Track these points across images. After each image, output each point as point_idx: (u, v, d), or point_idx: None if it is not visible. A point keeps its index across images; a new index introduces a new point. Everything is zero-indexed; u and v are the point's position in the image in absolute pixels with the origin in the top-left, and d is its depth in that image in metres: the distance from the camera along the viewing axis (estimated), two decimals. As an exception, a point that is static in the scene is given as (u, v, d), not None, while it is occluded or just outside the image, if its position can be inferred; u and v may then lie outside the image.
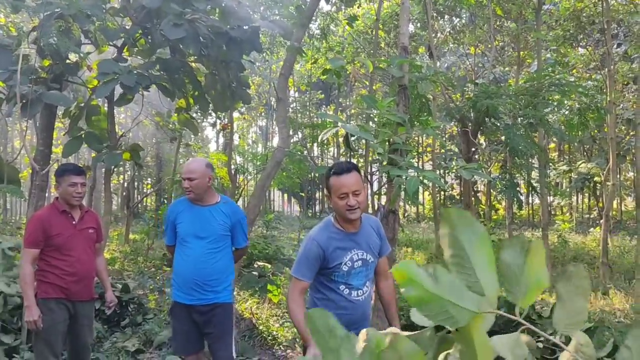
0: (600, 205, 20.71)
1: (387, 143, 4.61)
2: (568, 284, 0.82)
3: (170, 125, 11.37)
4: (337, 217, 2.84)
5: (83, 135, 6.40)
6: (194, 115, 8.78)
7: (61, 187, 3.76)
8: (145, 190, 29.76)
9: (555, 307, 0.84)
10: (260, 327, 6.21)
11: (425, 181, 4.11)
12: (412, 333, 0.89)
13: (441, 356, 0.88)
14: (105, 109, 6.91)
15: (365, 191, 2.84)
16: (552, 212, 25.64)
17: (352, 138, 4.04)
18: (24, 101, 5.05)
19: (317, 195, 38.32)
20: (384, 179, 6.08)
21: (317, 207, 38.20)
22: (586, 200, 28.80)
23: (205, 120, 15.80)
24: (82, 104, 6.75)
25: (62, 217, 3.77)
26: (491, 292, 0.74)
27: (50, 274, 3.68)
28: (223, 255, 3.67)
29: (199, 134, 11.70)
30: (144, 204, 28.75)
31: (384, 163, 4.48)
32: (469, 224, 0.77)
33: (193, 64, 6.89)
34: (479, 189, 23.00)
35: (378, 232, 2.96)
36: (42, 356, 3.66)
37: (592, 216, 25.33)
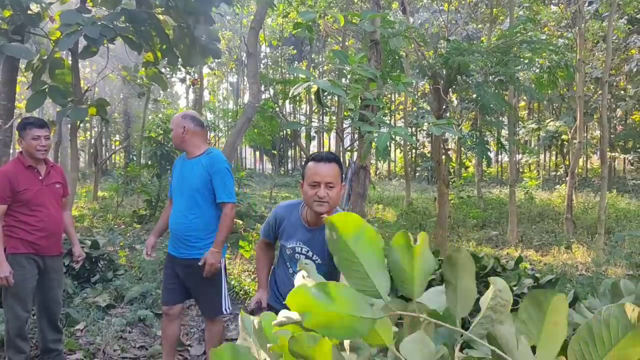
0: (567, 163, 21.16)
1: (358, 99, 4.59)
2: (454, 268, 0.84)
3: (138, 80, 11.10)
4: (306, 207, 2.64)
5: (47, 89, 6.21)
6: (163, 69, 8.57)
7: (24, 141, 3.66)
8: (113, 147, 29.28)
9: (446, 291, 0.86)
10: (233, 282, 6.27)
11: (397, 138, 4.11)
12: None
13: None
14: (69, 62, 6.70)
15: (341, 189, 2.57)
16: (520, 170, 26.14)
17: (324, 94, 4.00)
18: (-18, 53, 4.85)
19: (289, 153, 38.26)
20: (356, 136, 6.07)
21: (290, 165, 38.20)
22: (553, 158, 29.41)
23: (174, 75, 15.46)
24: (45, 57, 6.53)
25: (29, 172, 3.68)
26: (385, 292, 0.73)
27: (19, 229, 3.62)
28: (204, 212, 3.51)
29: (168, 89, 11.43)
30: (113, 160, 28.34)
31: (356, 119, 4.47)
32: (357, 229, 0.75)
33: (160, 16, 6.69)
34: (450, 147, 23.25)
35: None
36: (13, 312, 3.63)
37: (558, 174, 25.92)
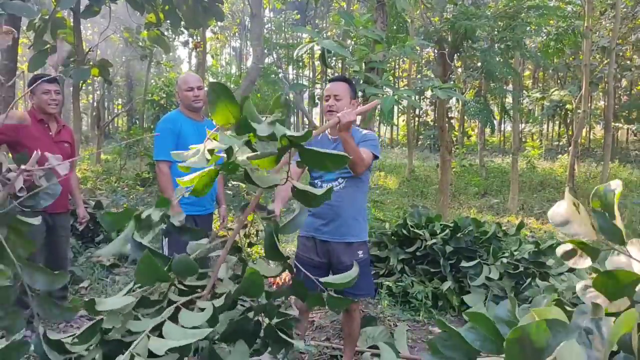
0: (570, 132, 21.10)
1: (363, 62, 4.54)
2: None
3: (140, 43, 10.99)
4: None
5: (49, 49, 6.17)
6: (165, 32, 8.47)
7: (36, 97, 3.72)
8: (116, 111, 29.19)
9: None
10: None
11: (402, 101, 4.09)
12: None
13: None
14: (71, 22, 6.63)
15: (351, 102, 3.04)
16: (523, 139, 26.06)
17: (329, 54, 3.97)
18: (-16, 10, 4.80)
19: (292, 119, 38.06)
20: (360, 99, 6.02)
21: (292, 131, 37.89)
22: (556, 128, 29.27)
23: (177, 38, 15.32)
24: (47, 17, 6.45)
25: (39, 126, 3.72)
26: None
27: (28, 186, 3.64)
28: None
29: (171, 52, 11.33)
30: (115, 124, 28.31)
31: (360, 82, 4.43)
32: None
33: (163, -24, 6.59)
34: (453, 116, 23.13)
35: (359, 141, 3.01)
36: (20, 268, 3.68)
37: (561, 143, 25.85)
